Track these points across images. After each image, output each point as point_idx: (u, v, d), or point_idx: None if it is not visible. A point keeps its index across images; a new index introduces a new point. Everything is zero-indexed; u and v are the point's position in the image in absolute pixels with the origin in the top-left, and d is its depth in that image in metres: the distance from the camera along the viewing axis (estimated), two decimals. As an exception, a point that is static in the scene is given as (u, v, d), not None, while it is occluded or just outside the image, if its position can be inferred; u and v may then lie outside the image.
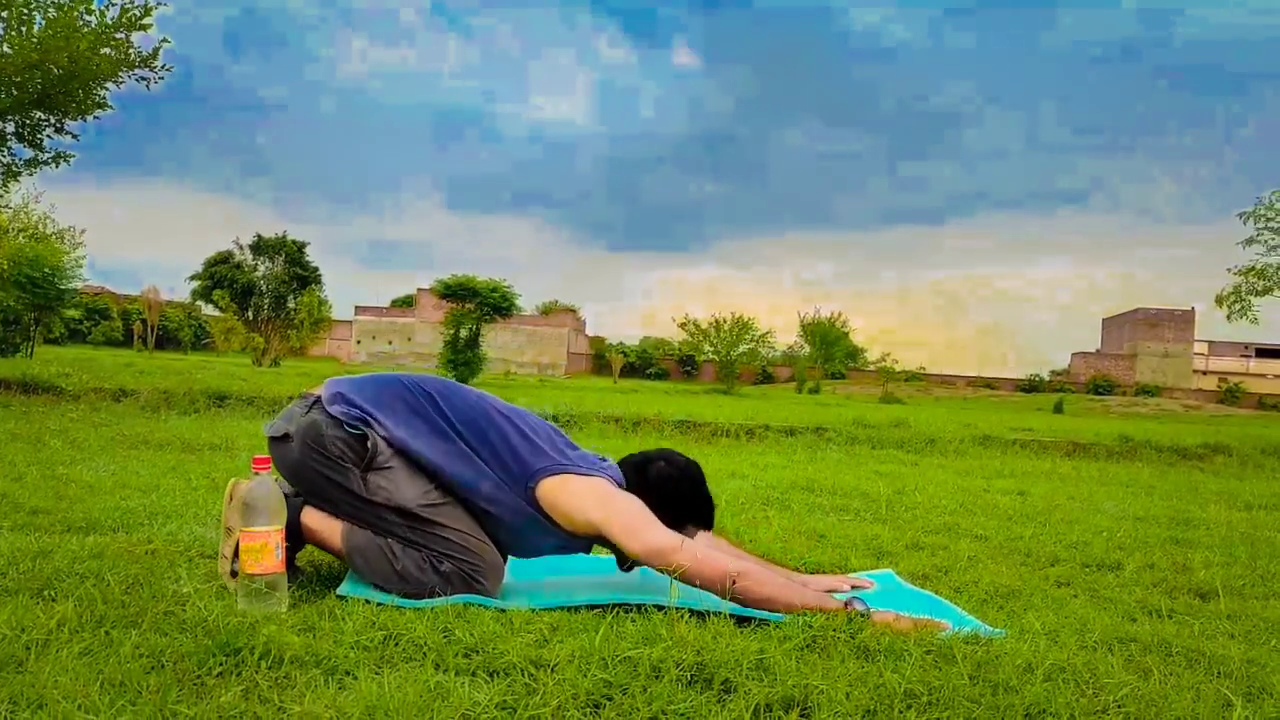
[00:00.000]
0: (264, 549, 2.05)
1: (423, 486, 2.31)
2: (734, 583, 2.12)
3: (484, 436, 2.36)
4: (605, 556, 2.94)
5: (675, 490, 2.46)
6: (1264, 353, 64.98)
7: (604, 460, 2.47)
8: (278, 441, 2.38)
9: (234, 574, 2.16)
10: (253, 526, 2.06)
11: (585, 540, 2.36)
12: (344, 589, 2.25)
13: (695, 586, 2.15)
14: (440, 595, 2.22)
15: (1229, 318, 18.13)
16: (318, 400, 2.38)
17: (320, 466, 2.30)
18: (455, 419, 2.38)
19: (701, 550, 2.17)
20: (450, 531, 2.28)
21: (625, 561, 2.37)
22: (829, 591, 2.40)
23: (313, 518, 2.37)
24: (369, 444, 2.29)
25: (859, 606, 2.09)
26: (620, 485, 2.39)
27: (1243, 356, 65.73)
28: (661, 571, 2.16)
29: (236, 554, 2.13)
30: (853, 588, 2.54)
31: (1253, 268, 17.47)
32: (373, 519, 2.30)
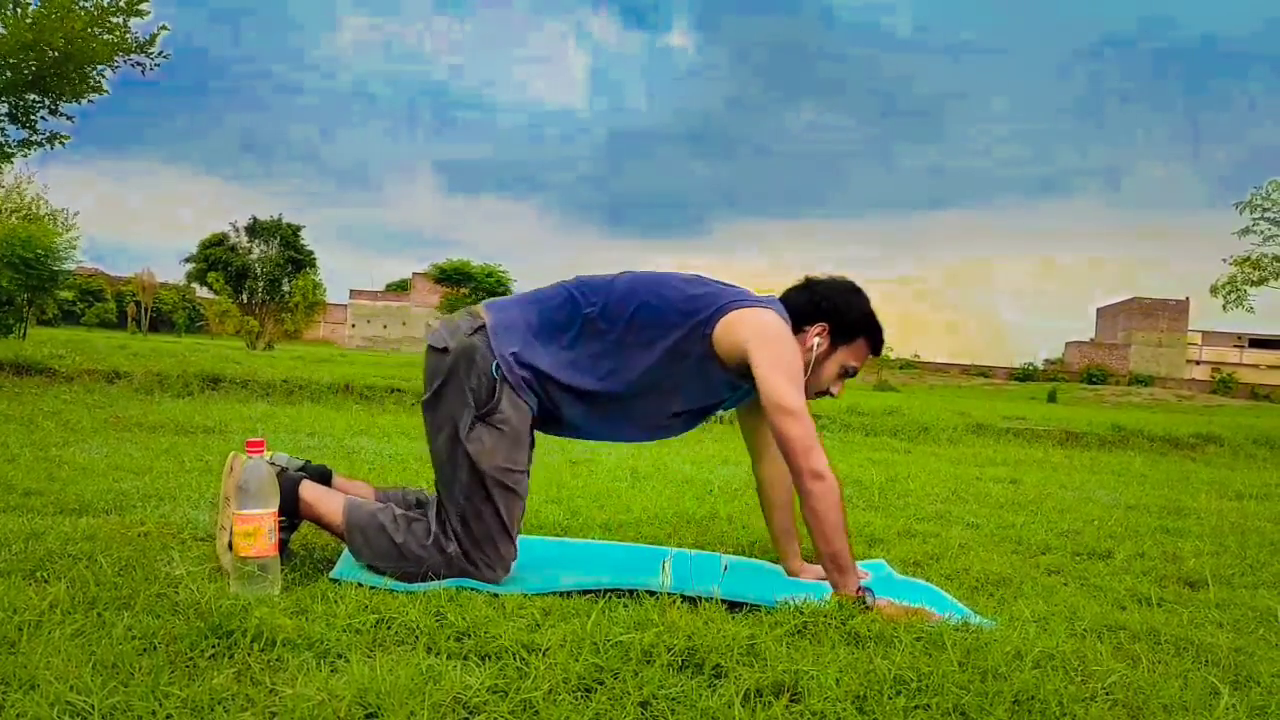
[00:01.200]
0: (257, 532, 2.05)
1: (514, 462, 2.31)
2: (811, 478, 2.18)
3: (652, 307, 2.36)
4: (604, 543, 2.95)
5: (846, 301, 2.50)
6: (1257, 343, 65.18)
7: (771, 298, 2.49)
8: (435, 351, 2.37)
9: (231, 546, 2.16)
10: (246, 509, 2.07)
11: (732, 386, 2.40)
12: (337, 572, 2.25)
13: (787, 463, 2.23)
14: (435, 577, 2.22)
15: (1224, 307, 18.22)
16: (483, 327, 2.34)
17: (453, 391, 2.30)
18: (617, 308, 2.37)
19: (811, 432, 2.22)
20: (493, 517, 2.28)
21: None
22: (819, 580, 2.42)
23: (311, 492, 2.37)
24: (496, 396, 2.29)
25: (869, 599, 2.10)
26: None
27: (1236, 346, 65.92)
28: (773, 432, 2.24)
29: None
30: None
31: (1248, 258, 17.52)
32: (449, 463, 2.29)
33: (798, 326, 2.44)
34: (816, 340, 2.45)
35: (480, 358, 2.29)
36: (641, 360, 2.35)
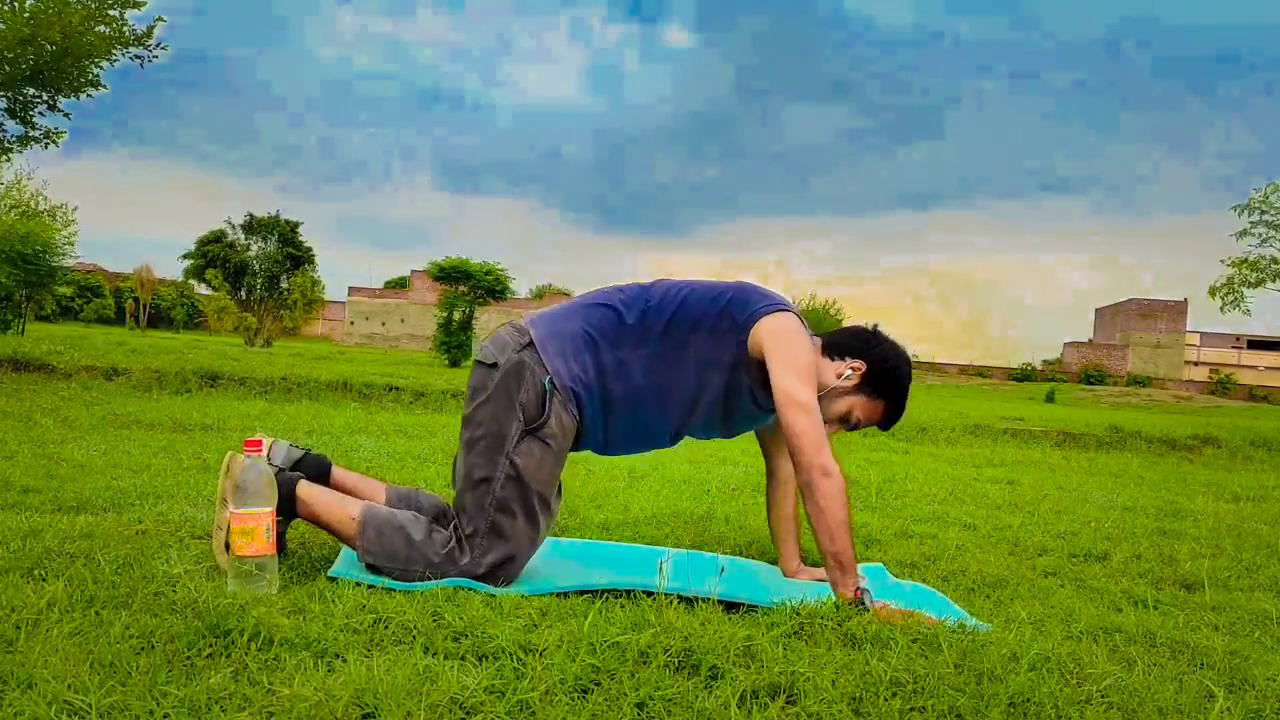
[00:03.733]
0: (254, 531, 2.05)
1: (555, 480, 2.34)
2: (819, 474, 2.18)
3: (685, 313, 2.39)
4: (601, 543, 2.96)
5: (896, 362, 2.50)
6: (1255, 344, 65.23)
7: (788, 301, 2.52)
8: (484, 366, 2.39)
9: (228, 546, 2.16)
10: (243, 508, 2.07)
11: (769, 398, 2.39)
12: (335, 571, 2.25)
13: (793, 458, 2.23)
14: (436, 578, 2.22)
15: (1222, 309, 18.23)
16: (531, 343, 2.36)
17: (501, 405, 2.31)
18: (654, 316, 2.40)
19: (820, 430, 2.24)
20: (522, 534, 2.29)
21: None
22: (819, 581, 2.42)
23: (309, 491, 2.36)
24: (546, 411, 2.30)
25: (868, 601, 2.11)
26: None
27: (1234, 348, 65.99)
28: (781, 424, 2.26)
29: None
30: None
31: (1246, 260, 17.53)
32: (481, 473, 2.30)
33: (839, 354, 2.48)
34: (849, 372, 2.46)
35: (530, 373, 2.31)
36: (679, 360, 2.38)
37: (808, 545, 2.99)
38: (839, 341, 2.50)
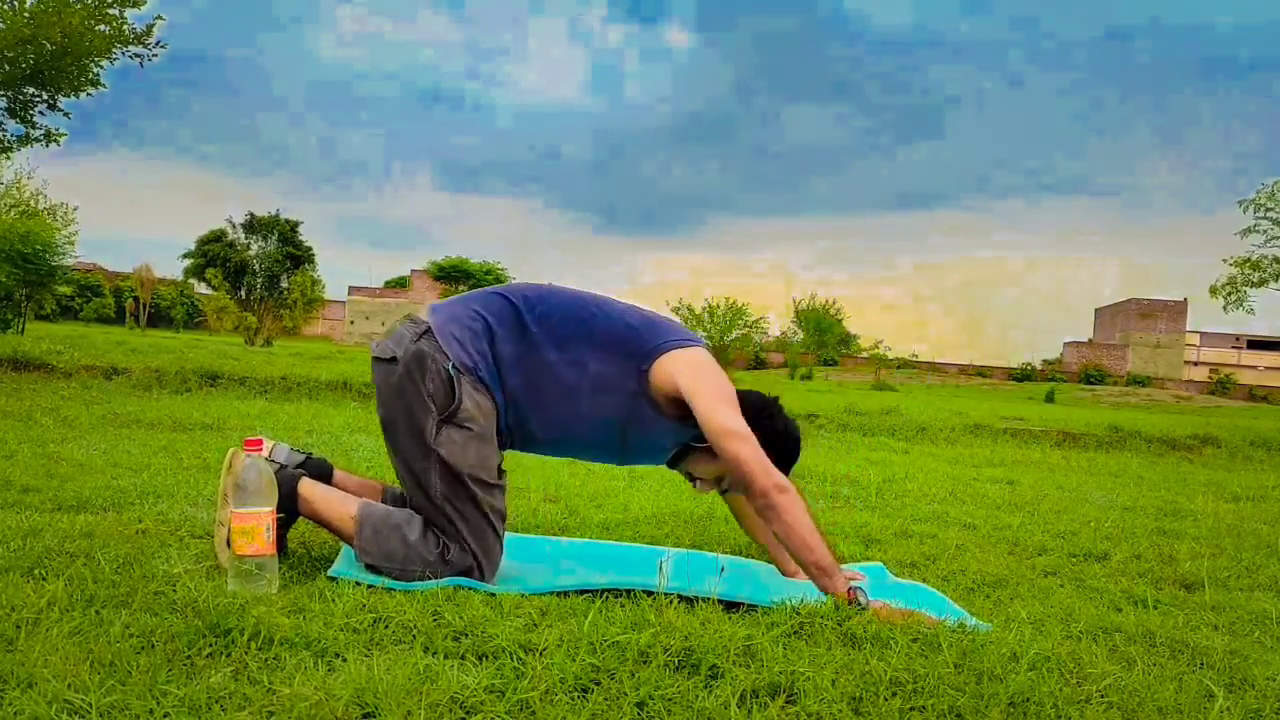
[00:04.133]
0: (254, 530, 2.06)
1: (486, 460, 2.31)
2: (776, 492, 2.17)
3: (591, 330, 2.36)
4: (601, 543, 2.96)
5: (785, 430, 2.49)
6: (1255, 344, 65.25)
7: (702, 339, 2.49)
8: (382, 362, 2.36)
9: (229, 543, 2.16)
10: (243, 508, 2.07)
11: (671, 432, 2.37)
12: (335, 570, 2.25)
13: (739, 485, 2.23)
14: (435, 578, 2.23)
15: (1225, 308, 18.17)
16: (428, 330, 2.33)
17: (411, 398, 2.28)
18: (560, 321, 2.37)
19: (761, 452, 2.22)
20: (477, 515, 2.28)
21: (678, 456, 2.44)
22: None
23: (310, 490, 2.37)
24: (456, 395, 2.28)
25: (861, 599, 2.11)
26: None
27: (1234, 348, 66.00)
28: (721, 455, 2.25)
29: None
30: None
31: (1248, 259, 17.49)
32: (419, 471, 2.29)
33: None
34: None
35: (431, 361, 2.28)
36: (574, 374, 2.35)
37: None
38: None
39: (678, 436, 2.42)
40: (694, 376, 2.30)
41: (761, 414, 2.42)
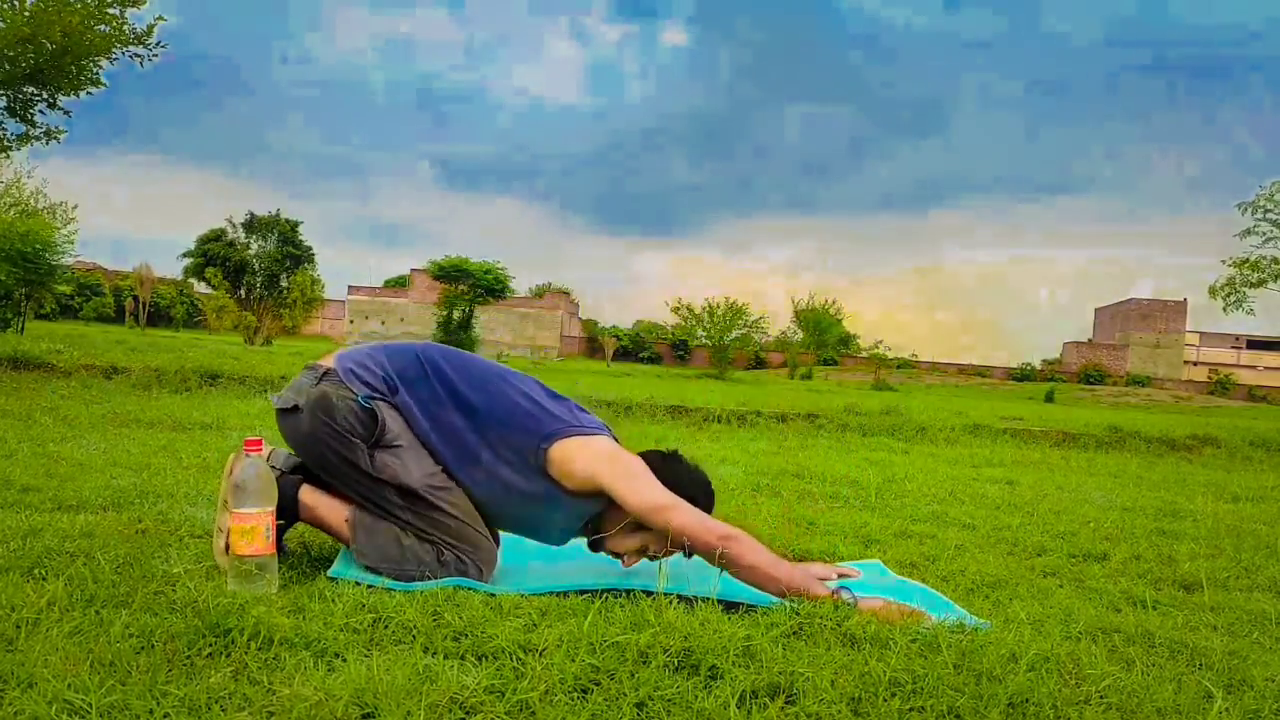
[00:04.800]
0: (254, 531, 2.06)
1: (430, 468, 2.31)
2: (724, 543, 2.14)
3: (493, 403, 2.35)
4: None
5: (690, 474, 2.45)
6: (1255, 344, 65.27)
7: (603, 425, 2.47)
8: (286, 414, 2.36)
9: (227, 548, 2.17)
10: (243, 508, 2.07)
11: (577, 509, 2.35)
12: (335, 570, 2.26)
13: (683, 548, 2.20)
14: (434, 578, 2.23)
15: (1224, 309, 18.17)
16: (328, 372, 2.35)
17: (330, 439, 2.27)
18: (466, 388, 2.36)
19: (696, 511, 2.22)
20: (449, 518, 2.29)
21: (598, 539, 2.40)
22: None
23: (311, 495, 2.37)
24: (379, 419, 2.28)
25: (846, 596, 2.10)
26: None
27: (1233, 348, 66.01)
28: (652, 528, 2.23)
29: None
30: (840, 576, 2.55)
31: (1247, 259, 17.48)
32: (378, 498, 2.29)
33: None
34: None
35: (339, 399, 2.28)
36: (473, 442, 2.34)
37: (796, 546, 2.99)
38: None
39: (580, 510, 2.37)
40: (606, 463, 2.28)
41: (669, 471, 2.39)
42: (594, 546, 2.45)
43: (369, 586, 2.13)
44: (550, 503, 2.34)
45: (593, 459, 2.29)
